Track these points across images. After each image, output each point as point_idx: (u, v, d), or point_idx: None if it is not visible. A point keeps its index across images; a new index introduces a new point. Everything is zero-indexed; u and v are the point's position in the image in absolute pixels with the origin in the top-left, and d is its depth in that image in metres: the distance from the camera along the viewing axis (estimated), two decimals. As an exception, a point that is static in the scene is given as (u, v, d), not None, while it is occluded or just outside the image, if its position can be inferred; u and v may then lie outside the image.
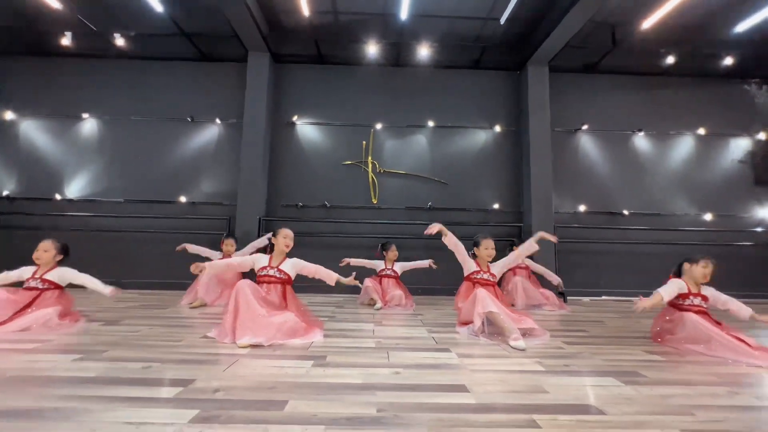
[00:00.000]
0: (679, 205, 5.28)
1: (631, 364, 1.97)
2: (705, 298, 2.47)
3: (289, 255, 2.69)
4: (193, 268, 2.37)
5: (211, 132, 5.21)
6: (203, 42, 5.05)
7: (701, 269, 2.47)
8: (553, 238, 2.86)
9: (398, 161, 5.24)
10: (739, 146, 5.42)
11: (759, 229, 5.20)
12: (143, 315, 3.04)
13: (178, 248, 4.17)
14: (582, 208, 5.20)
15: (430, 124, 5.28)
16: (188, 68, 5.28)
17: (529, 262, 4.29)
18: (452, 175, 5.23)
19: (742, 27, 4.21)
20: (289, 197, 5.11)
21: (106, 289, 2.67)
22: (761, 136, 5.38)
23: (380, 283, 3.97)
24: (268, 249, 2.72)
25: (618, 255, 5.10)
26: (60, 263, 2.71)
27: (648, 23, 4.19)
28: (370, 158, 5.19)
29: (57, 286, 2.63)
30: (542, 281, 4.30)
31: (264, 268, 2.59)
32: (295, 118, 5.24)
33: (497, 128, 5.33)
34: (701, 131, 5.37)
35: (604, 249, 5.09)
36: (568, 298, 4.68)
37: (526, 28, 4.89)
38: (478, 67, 5.41)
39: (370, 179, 5.16)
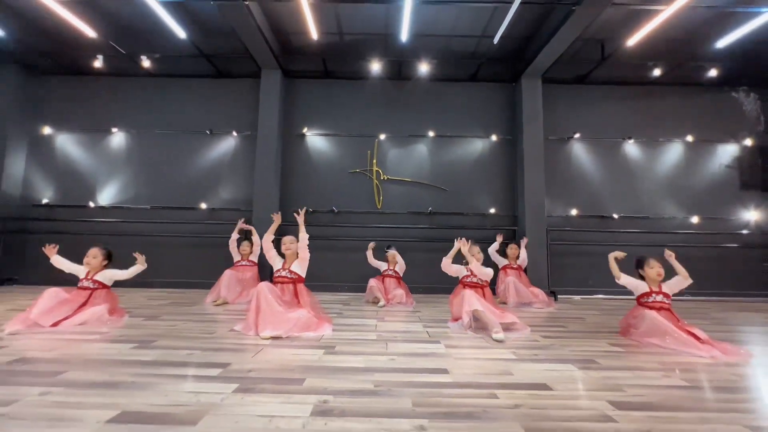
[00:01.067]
0: (667, 208, 5.50)
1: (592, 354, 2.31)
2: (667, 295, 2.78)
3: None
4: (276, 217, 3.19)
5: (228, 143, 5.62)
6: (220, 61, 5.45)
7: (650, 270, 2.79)
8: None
9: (401, 169, 5.58)
10: (727, 152, 5.61)
11: (744, 232, 5.41)
12: (175, 312, 3.47)
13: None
14: (574, 212, 5.47)
15: (431, 134, 5.61)
16: (207, 85, 5.68)
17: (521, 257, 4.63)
18: (451, 181, 5.54)
19: (722, 43, 4.46)
20: (300, 203, 5.47)
21: (139, 268, 3.22)
22: (748, 142, 5.57)
23: (383, 282, 4.36)
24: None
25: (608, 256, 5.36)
26: (106, 266, 3.16)
27: (633, 40, 4.46)
28: (374, 166, 5.55)
29: (104, 286, 3.07)
30: (533, 280, 4.64)
31: (278, 270, 3.00)
32: (304, 129, 5.62)
33: (493, 137, 5.63)
34: (689, 138, 5.58)
35: (595, 250, 5.34)
36: (560, 296, 5.01)
37: (519, 44, 5.19)
38: (475, 80, 5.69)
39: (375, 186, 5.52)
